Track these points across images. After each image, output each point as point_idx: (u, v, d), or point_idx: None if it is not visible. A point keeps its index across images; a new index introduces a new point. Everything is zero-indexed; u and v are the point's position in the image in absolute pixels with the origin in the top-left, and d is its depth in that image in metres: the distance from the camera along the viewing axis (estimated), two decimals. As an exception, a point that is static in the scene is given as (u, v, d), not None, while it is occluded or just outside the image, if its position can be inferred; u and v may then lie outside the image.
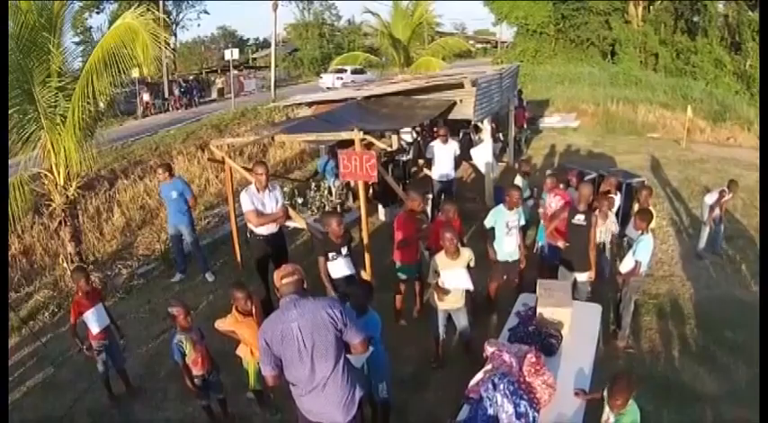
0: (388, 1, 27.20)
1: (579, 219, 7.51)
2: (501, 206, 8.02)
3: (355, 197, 10.95)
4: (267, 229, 8.01)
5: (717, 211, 10.18)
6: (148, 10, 9.58)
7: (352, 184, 10.88)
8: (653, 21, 38.73)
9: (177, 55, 54.60)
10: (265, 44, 65.98)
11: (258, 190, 7.96)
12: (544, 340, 5.14)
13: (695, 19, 37.73)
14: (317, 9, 60.75)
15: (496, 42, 65.42)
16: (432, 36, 37.46)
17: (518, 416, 4.06)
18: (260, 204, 7.89)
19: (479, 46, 67.59)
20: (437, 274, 6.49)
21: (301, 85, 45.22)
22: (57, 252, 11.54)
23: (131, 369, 7.42)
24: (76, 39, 10.73)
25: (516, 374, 4.44)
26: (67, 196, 10.27)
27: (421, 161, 14.97)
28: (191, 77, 42.19)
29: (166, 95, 34.44)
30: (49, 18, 9.18)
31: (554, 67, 39.91)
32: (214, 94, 39.71)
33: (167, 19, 45.83)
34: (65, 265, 10.75)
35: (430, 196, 11.85)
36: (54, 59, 9.35)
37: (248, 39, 74.35)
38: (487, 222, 8.07)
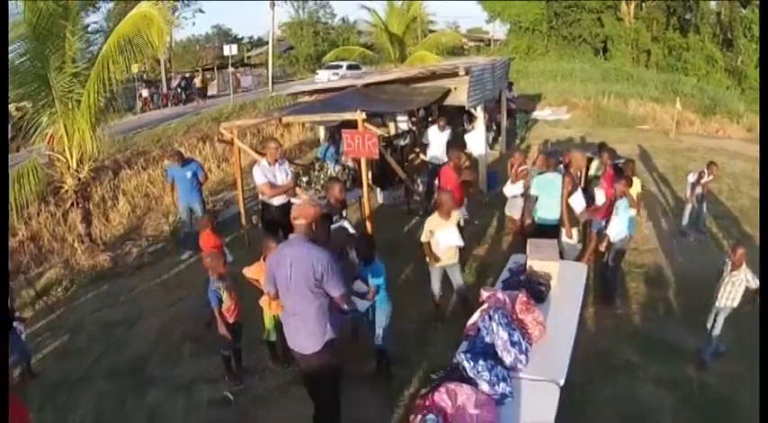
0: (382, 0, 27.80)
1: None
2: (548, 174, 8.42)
3: (354, 180, 11.40)
4: (278, 201, 8.52)
5: (698, 190, 10.68)
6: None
7: (352, 165, 11.39)
8: (645, 18, 39.21)
9: (173, 53, 54.89)
10: (259, 43, 66.24)
11: (270, 164, 8.47)
12: (534, 287, 5.63)
13: (687, 16, 38.19)
14: (311, 8, 61.10)
15: (489, 40, 65.83)
16: (425, 33, 37.98)
17: (512, 343, 4.54)
18: (272, 177, 8.43)
19: (472, 44, 67.97)
20: (431, 233, 7.07)
21: (297, 81, 45.55)
22: (64, 237, 11.89)
23: (145, 334, 7.94)
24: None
25: (510, 311, 4.92)
26: (79, 179, 10.69)
27: (416, 150, 15.46)
28: (187, 75, 42.52)
29: (164, 91, 34.72)
30: (65, 6, 9.59)
31: (546, 63, 40.24)
32: (212, 91, 39.88)
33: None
34: (75, 245, 11.15)
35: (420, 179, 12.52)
36: (69, 46, 9.77)
37: (242, 37, 74.54)
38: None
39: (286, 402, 6.20)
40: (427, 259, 7.37)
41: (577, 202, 8.00)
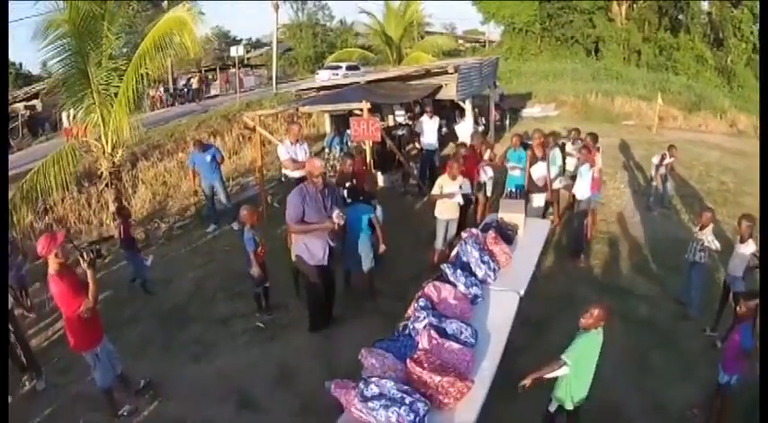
0: (380, 0, 29.16)
1: None
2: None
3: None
4: (298, 173, 10.00)
5: (662, 170, 12.10)
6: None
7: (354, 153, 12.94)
8: (636, 19, 40.09)
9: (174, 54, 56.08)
10: (257, 44, 67.49)
11: (291, 143, 10.04)
12: (503, 231, 7.08)
13: (680, 17, 39.06)
14: (310, 10, 62.27)
15: (485, 42, 66.89)
16: (422, 35, 39.20)
17: (482, 261, 5.97)
18: (293, 154, 10.04)
19: (468, 45, 69.10)
20: (441, 187, 8.77)
21: (297, 81, 46.73)
22: (89, 220, 13.24)
23: (182, 287, 9.36)
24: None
25: (482, 242, 6.36)
26: (114, 162, 12.05)
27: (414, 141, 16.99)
28: (188, 76, 43.84)
29: (171, 91, 35.99)
30: (104, 7, 10.92)
31: (539, 63, 41.21)
32: (214, 91, 41.00)
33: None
34: (108, 221, 12.52)
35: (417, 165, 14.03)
36: (107, 44, 11.12)
37: (241, 39, 75.78)
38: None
39: (308, 327, 7.65)
40: (435, 213, 9.07)
41: (538, 171, 9.63)
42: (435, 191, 8.87)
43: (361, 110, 11.05)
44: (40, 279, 9.26)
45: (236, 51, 32.96)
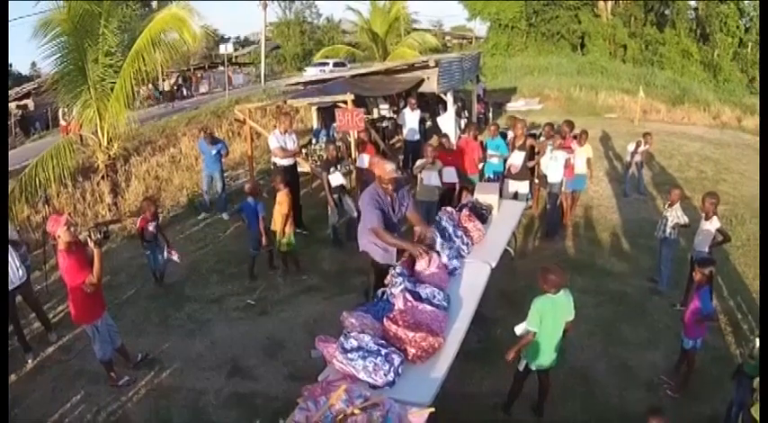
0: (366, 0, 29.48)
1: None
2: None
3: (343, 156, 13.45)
4: (287, 161, 10.63)
5: (637, 158, 12.62)
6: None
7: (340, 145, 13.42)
8: (622, 14, 40.53)
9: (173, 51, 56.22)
10: (245, 42, 67.85)
11: (281, 133, 10.54)
12: (478, 210, 7.56)
13: (666, 12, 39.50)
14: (297, 8, 62.60)
15: (472, 38, 67.25)
16: (408, 31, 39.61)
17: (456, 236, 6.45)
18: (283, 143, 10.53)
19: (455, 41, 69.49)
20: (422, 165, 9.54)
21: (286, 78, 47.05)
22: (84, 212, 13.58)
23: (177, 270, 9.68)
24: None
25: (456, 219, 6.85)
26: (109, 155, 12.45)
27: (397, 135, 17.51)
28: (177, 74, 44.08)
29: (161, 89, 36.29)
30: (101, 6, 11.30)
31: (524, 59, 41.63)
32: (202, 89, 41.27)
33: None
34: (104, 212, 12.92)
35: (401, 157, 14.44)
36: (104, 41, 11.50)
37: (229, 37, 75.95)
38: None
39: (296, 304, 8.33)
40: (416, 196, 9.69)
41: (513, 159, 10.28)
42: (417, 164, 9.72)
43: (346, 102, 11.55)
44: (40, 267, 9.78)
45: (224, 49, 33.34)
